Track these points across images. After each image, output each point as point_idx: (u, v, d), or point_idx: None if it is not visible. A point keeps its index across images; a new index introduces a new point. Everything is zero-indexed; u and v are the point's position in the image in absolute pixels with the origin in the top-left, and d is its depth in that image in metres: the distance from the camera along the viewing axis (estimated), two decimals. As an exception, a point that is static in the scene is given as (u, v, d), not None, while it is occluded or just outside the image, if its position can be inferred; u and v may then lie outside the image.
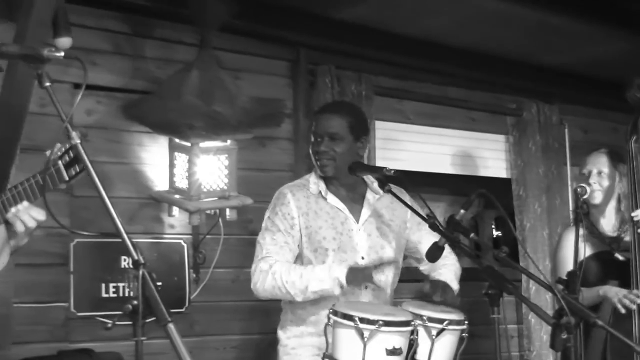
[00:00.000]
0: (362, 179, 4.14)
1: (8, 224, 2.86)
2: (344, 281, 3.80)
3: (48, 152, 2.87)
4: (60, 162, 2.87)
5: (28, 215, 2.84)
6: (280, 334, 4.12)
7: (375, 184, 4.13)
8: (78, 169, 2.87)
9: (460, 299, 4.01)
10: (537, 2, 5.09)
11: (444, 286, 4.02)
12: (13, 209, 2.83)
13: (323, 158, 4.00)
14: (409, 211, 4.12)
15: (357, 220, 4.07)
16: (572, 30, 5.57)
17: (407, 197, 4.16)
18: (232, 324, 5.21)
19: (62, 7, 4.22)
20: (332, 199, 4.04)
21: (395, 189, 4.11)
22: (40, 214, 2.88)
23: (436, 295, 3.93)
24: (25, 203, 2.85)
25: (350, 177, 4.07)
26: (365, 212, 4.10)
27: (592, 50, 5.99)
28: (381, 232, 4.11)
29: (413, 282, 4.31)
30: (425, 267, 4.28)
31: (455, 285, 4.13)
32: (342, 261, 3.94)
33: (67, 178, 2.88)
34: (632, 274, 4.33)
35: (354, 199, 4.10)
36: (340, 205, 4.05)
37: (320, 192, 4.05)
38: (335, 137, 4.00)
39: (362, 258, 4.03)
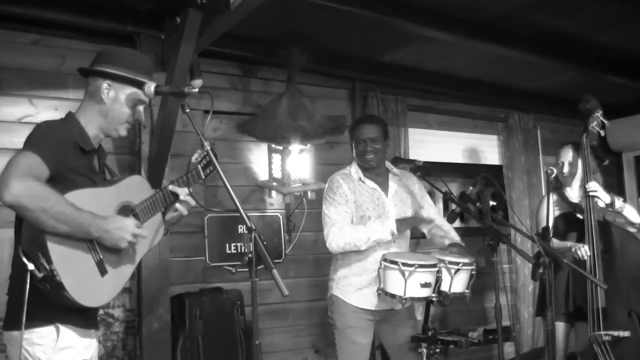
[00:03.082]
0: (385, 167, 4.15)
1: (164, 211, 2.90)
2: (395, 230, 3.83)
3: (193, 158, 2.93)
4: (199, 166, 2.92)
5: (186, 201, 2.91)
6: (332, 275, 4.13)
7: (395, 170, 4.15)
8: (209, 170, 2.93)
9: (466, 250, 4.01)
10: (517, 47, 5.05)
11: (459, 244, 4.08)
12: (173, 187, 2.88)
13: (370, 154, 4.02)
14: (416, 186, 4.21)
15: (387, 195, 4.07)
16: (541, 65, 5.51)
17: (414, 179, 4.18)
18: (314, 270, 5.23)
19: (195, 60, 4.28)
20: (368, 182, 4.06)
21: (406, 174, 4.15)
22: (191, 201, 2.94)
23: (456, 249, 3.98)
24: (185, 190, 2.91)
25: (380, 167, 4.11)
26: (392, 189, 4.11)
27: (555, 78, 5.93)
28: (403, 202, 4.13)
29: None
30: (423, 227, 4.29)
31: (459, 240, 4.17)
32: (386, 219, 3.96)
33: (203, 177, 2.94)
34: (586, 228, 4.28)
35: (382, 181, 4.12)
36: (375, 186, 4.06)
37: (360, 178, 4.06)
38: (375, 140, 4.04)
39: None
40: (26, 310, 2.35)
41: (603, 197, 4.31)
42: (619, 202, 4.34)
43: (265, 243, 2.75)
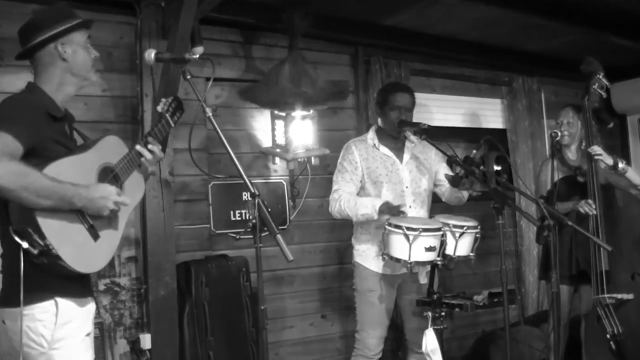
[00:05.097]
0: (404, 135, 4.15)
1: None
2: (377, 208, 3.84)
3: (159, 108, 2.89)
4: (167, 114, 2.88)
5: (156, 150, 2.83)
6: (354, 241, 4.19)
7: (412, 137, 4.15)
8: (178, 117, 2.90)
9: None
10: (520, 8, 5.02)
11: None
12: (139, 147, 2.80)
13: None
14: (433, 151, 4.21)
15: (401, 162, 4.09)
16: (544, 27, 5.47)
17: (431, 146, 4.19)
18: (319, 236, 5.24)
19: (196, 27, 4.24)
20: (383, 148, 4.10)
21: (422, 141, 4.16)
22: (161, 153, 2.87)
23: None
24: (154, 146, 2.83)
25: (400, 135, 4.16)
26: (406, 156, 4.13)
27: (558, 40, 5.86)
28: (418, 169, 4.14)
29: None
30: (438, 189, 4.30)
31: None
32: (399, 193, 3.98)
33: (173, 125, 2.90)
34: (588, 190, 4.27)
35: (398, 148, 4.16)
36: (389, 152, 4.10)
37: (374, 144, 4.08)
38: (409, 110, 4.15)
39: (407, 187, 4.06)
40: (24, 286, 2.34)
41: (606, 160, 4.30)
42: (622, 164, 4.33)
43: (269, 209, 2.76)
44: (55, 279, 2.44)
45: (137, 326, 4.37)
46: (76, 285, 2.54)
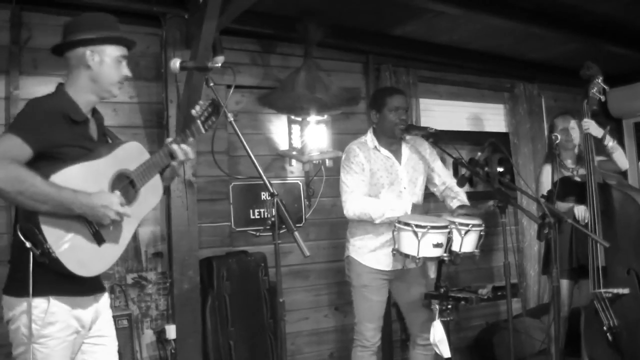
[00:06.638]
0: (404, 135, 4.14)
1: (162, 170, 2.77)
2: (409, 212, 3.84)
3: (193, 111, 2.80)
4: (198, 121, 2.77)
5: (185, 151, 2.75)
6: (349, 237, 4.15)
7: (407, 137, 4.13)
8: (210, 124, 2.78)
9: (475, 209, 4.01)
10: (522, 19, 5.01)
11: (467, 206, 4.03)
12: (175, 146, 2.73)
13: (402, 124, 4.04)
14: (428, 151, 4.20)
15: (400, 163, 4.06)
16: (545, 36, 5.44)
17: (426, 145, 4.15)
18: (332, 233, 5.23)
19: (218, 37, 4.25)
20: (383, 150, 4.06)
21: (417, 140, 4.14)
22: (192, 153, 2.79)
23: (464, 210, 3.95)
24: (184, 146, 2.75)
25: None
26: (404, 157, 4.10)
27: (558, 48, 5.84)
28: (415, 169, 4.12)
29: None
30: (435, 189, 4.28)
31: (468, 203, 4.14)
32: (397, 194, 3.95)
33: (203, 131, 2.79)
34: (587, 191, 4.24)
35: (396, 149, 4.12)
36: (389, 154, 4.06)
37: (375, 146, 4.05)
38: (406, 110, 4.10)
39: (405, 188, 4.03)
40: (23, 278, 2.32)
41: (596, 132, 4.31)
42: (610, 142, 4.35)
43: (287, 208, 2.75)
44: (55, 276, 2.39)
45: (162, 317, 4.39)
46: (77, 284, 2.47)
